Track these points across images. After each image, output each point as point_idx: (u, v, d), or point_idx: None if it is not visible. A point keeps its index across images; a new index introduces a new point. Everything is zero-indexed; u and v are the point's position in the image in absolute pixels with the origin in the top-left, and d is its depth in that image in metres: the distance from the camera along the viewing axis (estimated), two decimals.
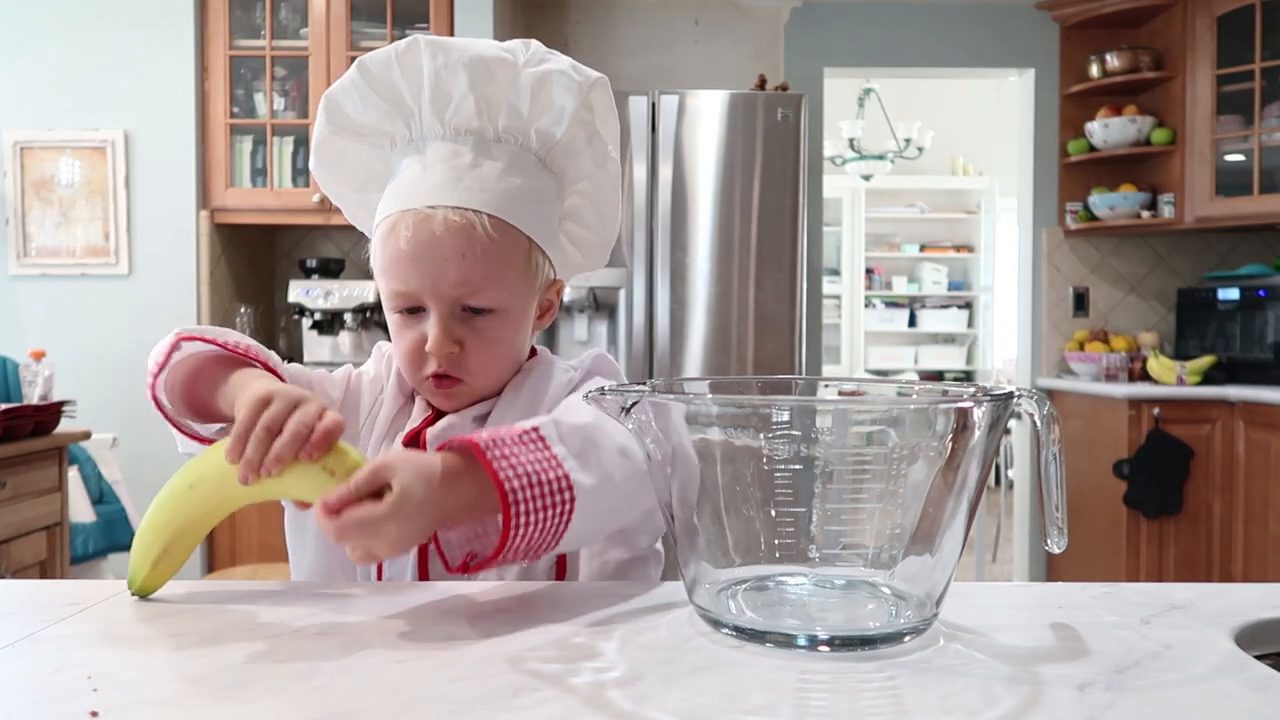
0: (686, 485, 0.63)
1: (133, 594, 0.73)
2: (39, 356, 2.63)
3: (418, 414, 0.92)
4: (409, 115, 0.87)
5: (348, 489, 0.64)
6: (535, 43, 0.87)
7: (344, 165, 0.92)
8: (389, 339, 0.92)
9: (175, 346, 0.80)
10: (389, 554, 0.65)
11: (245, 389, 0.74)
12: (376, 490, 0.65)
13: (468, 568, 0.70)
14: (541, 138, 0.88)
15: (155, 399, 0.81)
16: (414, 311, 0.86)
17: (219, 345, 0.82)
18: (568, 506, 0.67)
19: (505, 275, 0.85)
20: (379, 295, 0.91)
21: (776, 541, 0.62)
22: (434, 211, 0.83)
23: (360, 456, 0.71)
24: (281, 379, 0.82)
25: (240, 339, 0.83)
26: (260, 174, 3.34)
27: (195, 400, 0.82)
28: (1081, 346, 3.83)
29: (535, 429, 0.70)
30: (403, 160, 0.88)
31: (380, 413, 0.93)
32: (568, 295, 3.07)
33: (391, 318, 0.88)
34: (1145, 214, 3.71)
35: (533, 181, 0.87)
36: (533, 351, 0.96)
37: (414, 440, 0.89)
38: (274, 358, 0.85)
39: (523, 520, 0.65)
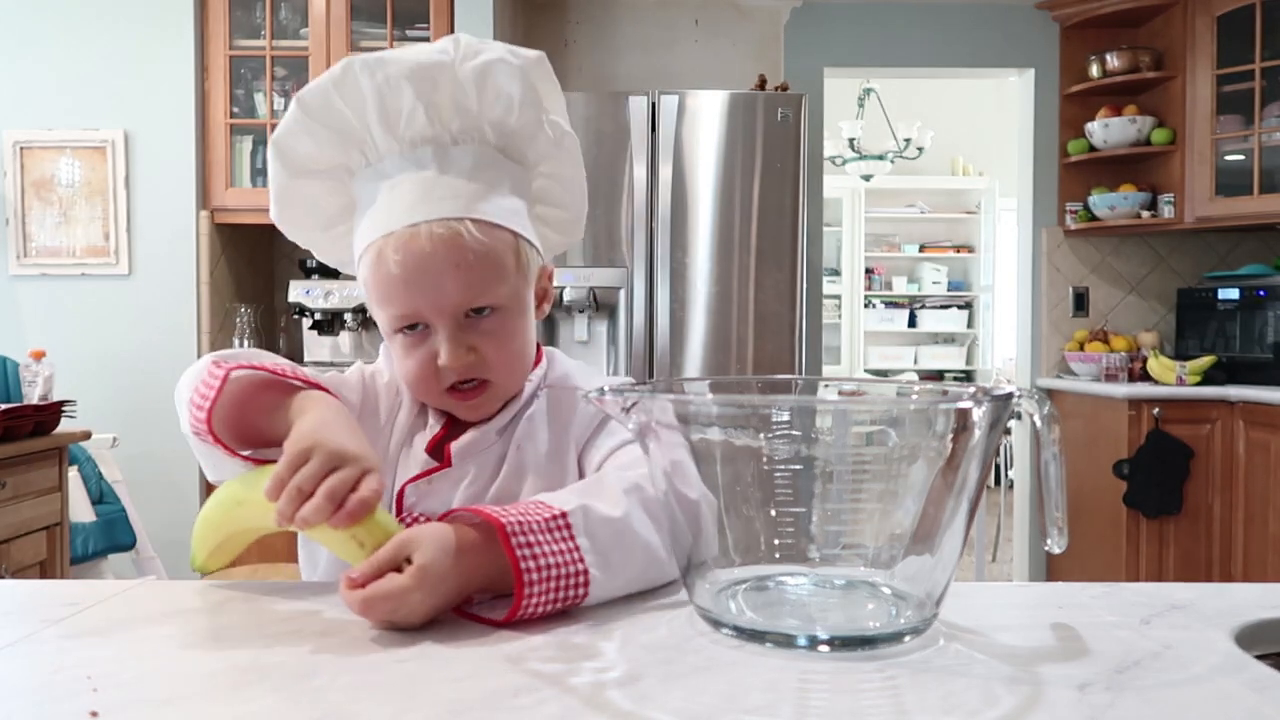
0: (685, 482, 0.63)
1: (194, 570, 0.79)
2: (39, 356, 2.63)
3: (434, 419, 0.92)
4: (361, 141, 0.85)
5: (370, 565, 0.65)
6: (465, 36, 0.85)
7: (308, 208, 0.91)
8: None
9: (226, 378, 0.76)
10: (411, 624, 0.65)
11: (300, 420, 0.74)
12: (397, 565, 0.65)
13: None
14: (496, 129, 0.86)
15: (211, 432, 0.76)
16: (416, 328, 0.85)
17: (268, 371, 0.80)
18: (580, 594, 0.67)
19: (501, 273, 0.85)
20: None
21: (777, 541, 0.62)
22: (417, 229, 0.82)
23: (394, 525, 0.71)
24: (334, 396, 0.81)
25: (283, 363, 0.82)
26: (260, 174, 3.34)
27: (244, 428, 0.79)
28: (1081, 346, 3.83)
29: (564, 515, 0.69)
30: (367, 187, 0.86)
31: (400, 416, 0.92)
32: (568, 295, 3.07)
33: (396, 340, 0.87)
34: (1145, 214, 3.71)
35: (501, 175, 0.87)
36: (539, 352, 0.96)
37: (437, 448, 0.89)
38: (322, 377, 0.85)
39: (533, 604, 0.65)
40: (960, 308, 6.77)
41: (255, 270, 3.60)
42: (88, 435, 2.55)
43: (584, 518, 0.69)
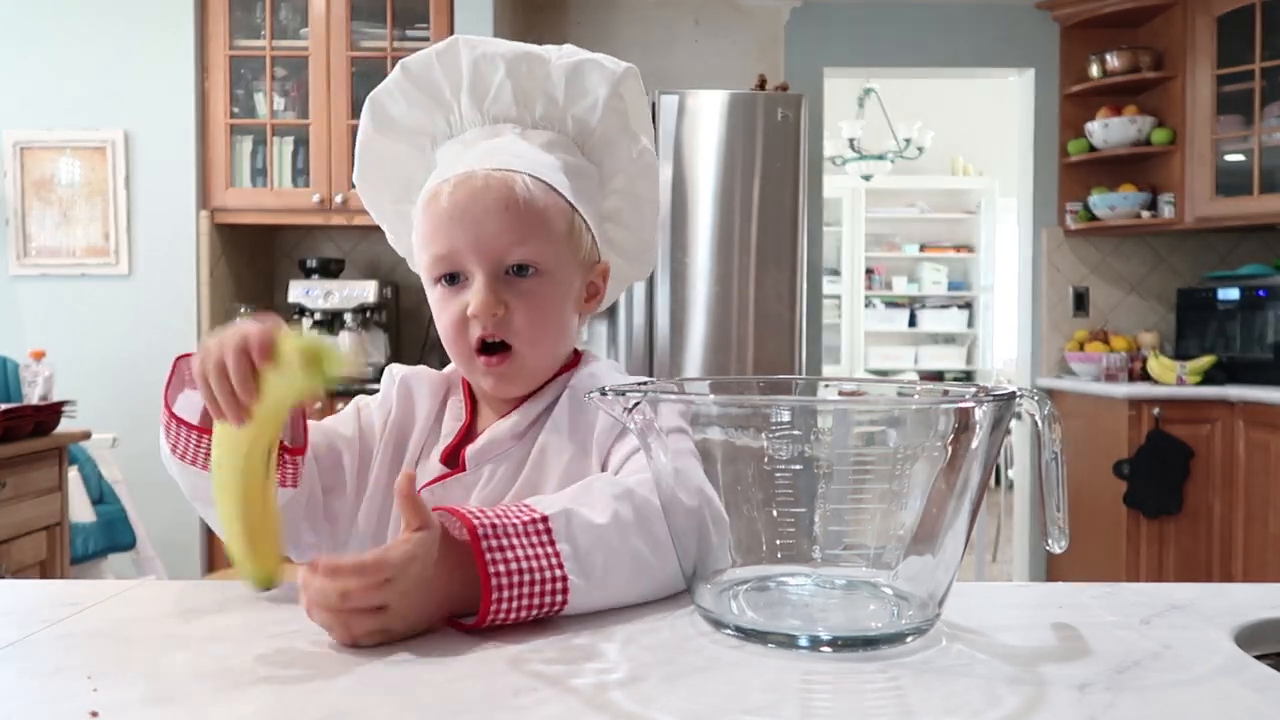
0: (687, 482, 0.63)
1: (262, 590, 0.74)
2: (39, 356, 2.63)
3: (450, 424, 0.90)
4: (449, 110, 0.89)
5: (347, 564, 0.61)
6: (569, 44, 0.90)
7: (386, 171, 0.93)
8: (389, 339, 0.92)
9: (174, 365, 0.83)
10: (403, 628, 0.62)
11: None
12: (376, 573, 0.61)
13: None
14: (577, 124, 0.89)
15: (170, 413, 0.82)
16: (456, 281, 0.85)
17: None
18: (559, 600, 0.64)
19: (547, 231, 0.84)
20: (379, 295, 0.91)
21: (778, 542, 0.62)
22: (474, 171, 0.84)
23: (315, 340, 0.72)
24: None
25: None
26: (260, 174, 3.34)
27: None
28: (1081, 346, 3.82)
29: (545, 519, 0.65)
30: (442, 150, 0.90)
31: (414, 430, 0.91)
32: None
33: (434, 292, 0.87)
34: (1145, 214, 3.71)
35: (572, 160, 0.89)
36: (577, 355, 0.94)
37: (452, 455, 0.88)
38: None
39: (502, 610, 0.62)
40: (960, 308, 6.77)
41: (255, 270, 3.60)
42: (88, 435, 2.55)
43: (566, 523, 0.66)
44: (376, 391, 0.96)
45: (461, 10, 3.22)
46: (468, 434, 0.90)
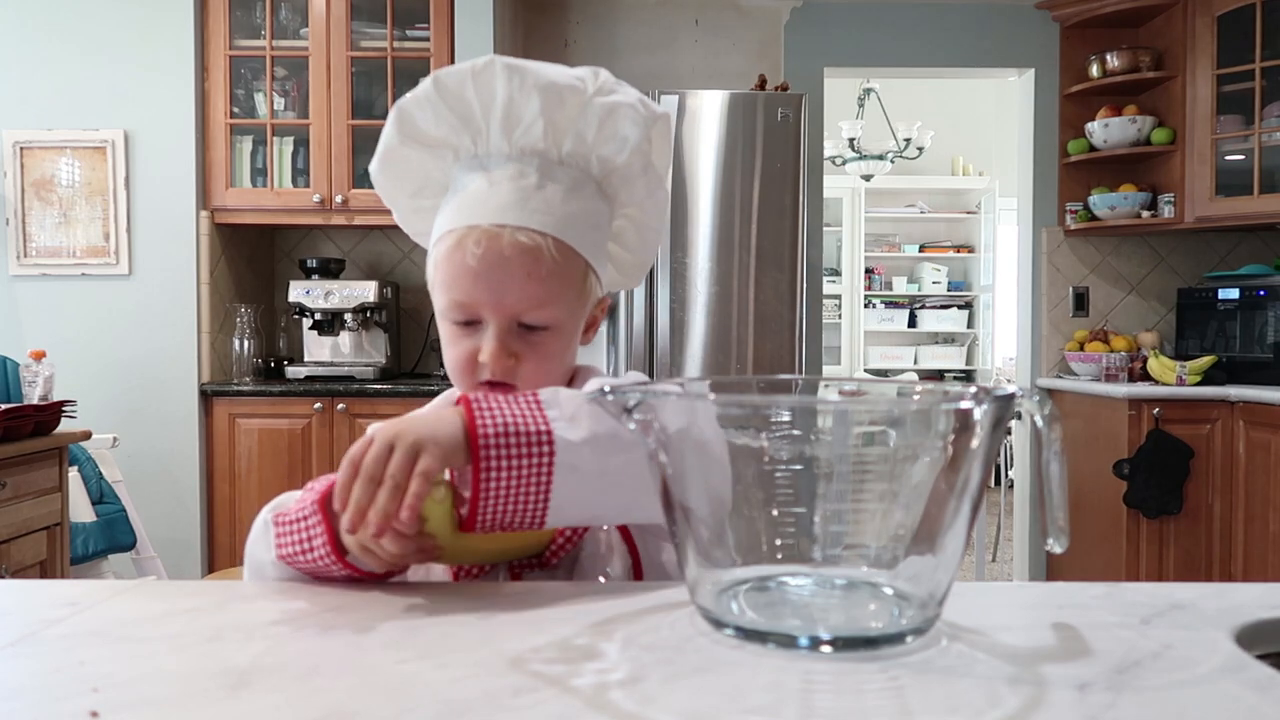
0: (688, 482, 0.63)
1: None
2: (39, 356, 2.63)
3: None
4: (476, 132, 0.89)
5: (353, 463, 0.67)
6: (604, 72, 0.89)
7: (405, 172, 0.94)
8: (389, 339, 0.93)
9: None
10: (443, 459, 0.67)
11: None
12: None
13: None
14: (602, 164, 0.91)
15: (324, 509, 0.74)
16: (470, 324, 0.88)
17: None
18: (546, 459, 0.68)
19: (564, 295, 0.88)
20: (379, 295, 0.92)
21: (778, 542, 0.62)
22: (501, 230, 0.85)
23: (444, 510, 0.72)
24: None
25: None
26: (260, 174, 3.34)
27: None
28: (1081, 346, 3.82)
29: (534, 393, 0.72)
30: (466, 174, 0.90)
31: None
32: None
33: (446, 328, 0.90)
34: (1145, 214, 3.71)
35: (591, 205, 0.91)
36: (576, 371, 0.98)
37: None
38: None
39: (494, 468, 0.67)
40: (960, 308, 6.77)
41: (255, 270, 3.60)
42: (88, 435, 2.55)
43: (554, 394, 0.73)
44: None
45: (461, 10, 3.22)
46: None
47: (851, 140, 5.68)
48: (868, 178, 5.95)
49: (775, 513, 0.61)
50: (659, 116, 0.91)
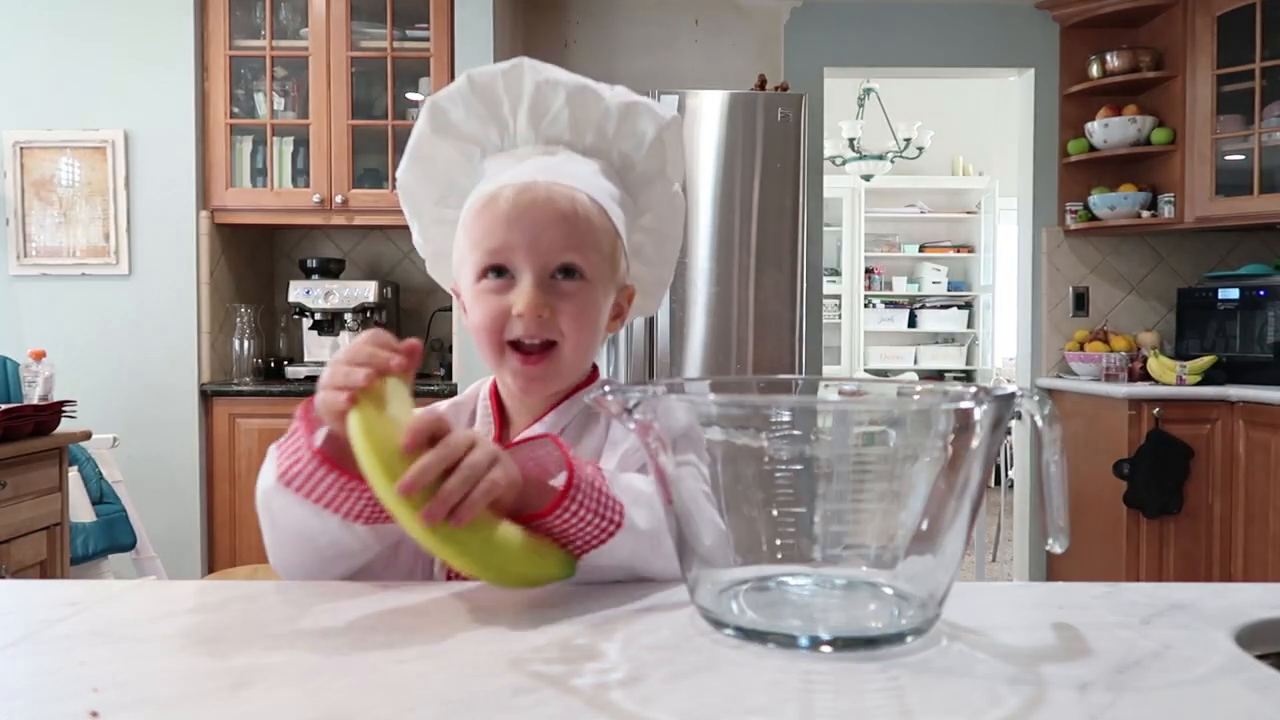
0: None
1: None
2: (39, 356, 2.63)
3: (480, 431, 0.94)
4: (504, 125, 0.92)
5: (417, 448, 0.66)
6: (621, 86, 0.95)
7: (432, 171, 0.95)
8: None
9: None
10: (508, 481, 0.68)
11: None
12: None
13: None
14: (623, 159, 0.94)
15: (323, 456, 0.73)
16: (502, 275, 0.87)
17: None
18: (616, 520, 0.72)
19: (598, 245, 0.89)
20: (379, 295, 0.92)
21: (778, 542, 0.62)
22: (536, 182, 0.87)
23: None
24: None
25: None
26: (260, 174, 3.34)
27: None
28: (1081, 346, 3.82)
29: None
30: (492, 162, 0.93)
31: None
32: None
33: (475, 289, 0.89)
34: (1145, 214, 3.71)
35: (616, 190, 0.93)
36: (595, 371, 0.99)
37: None
38: None
39: (570, 511, 0.70)
40: (960, 308, 6.77)
41: (255, 270, 3.60)
42: (88, 435, 2.55)
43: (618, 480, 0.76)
44: None
45: (461, 10, 3.22)
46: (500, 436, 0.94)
47: (851, 140, 5.68)
48: (868, 178, 5.95)
49: (775, 513, 0.61)
50: (672, 119, 0.94)
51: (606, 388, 0.64)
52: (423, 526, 0.64)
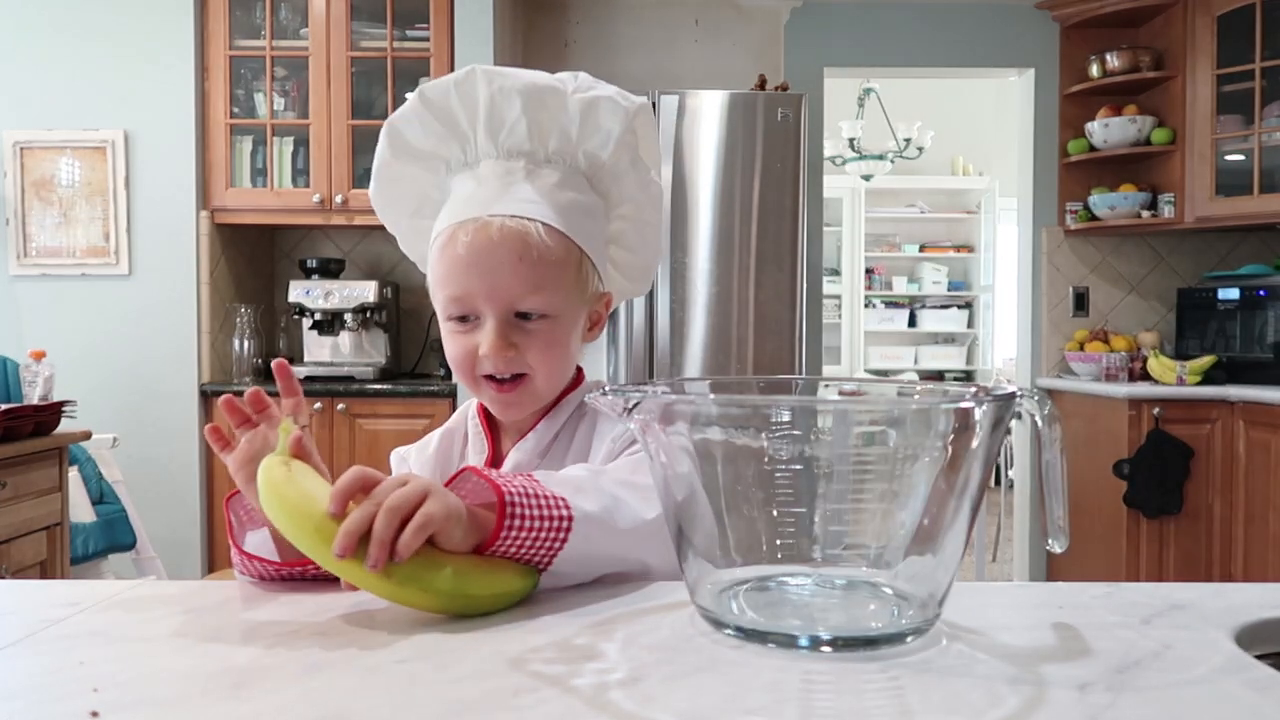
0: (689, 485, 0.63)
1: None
2: (39, 356, 2.63)
3: (474, 450, 0.96)
4: (464, 139, 0.91)
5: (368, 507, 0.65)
6: (583, 74, 0.92)
7: (401, 190, 0.96)
8: (389, 339, 0.94)
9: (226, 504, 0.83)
10: (445, 512, 0.66)
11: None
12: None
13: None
14: (589, 159, 0.92)
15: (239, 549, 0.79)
16: (468, 320, 0.89)
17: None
18: (565, 514, 0.70)
19: (558, 280, 0.88)
20: (379, 295, 0.93)
21: (778, 542, 0.62)
22: (491, 219, 0.87)
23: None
24: None
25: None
26: (260, 174, 3.34)
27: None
28: (1081, 346, 3.82)
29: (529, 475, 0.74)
30: (457, 179, 0.92)
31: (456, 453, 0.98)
32: None
33: (446, 326, 0.91)
34: (1145, 214, 3.71)
35: (582, 197, 0.92)
36: (579, 374, 0.99)
37: None
38: None
39: (516, 525, 0.68)
40: (960, 308, 6.77)
41: (255, 270, 3.60)
42: (88, 435, 2.55)
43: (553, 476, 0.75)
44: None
45: (461, 10, 3.22)
46: (494, 463, 0.95)
47: (851, 140, 5.68)
48: (868, 178, 5.95)
49: (775, 513, 0.61)
50: (639, 107, 0.92)
51: (606, 388, 0.64)
52: (374, 578, 0.64)
